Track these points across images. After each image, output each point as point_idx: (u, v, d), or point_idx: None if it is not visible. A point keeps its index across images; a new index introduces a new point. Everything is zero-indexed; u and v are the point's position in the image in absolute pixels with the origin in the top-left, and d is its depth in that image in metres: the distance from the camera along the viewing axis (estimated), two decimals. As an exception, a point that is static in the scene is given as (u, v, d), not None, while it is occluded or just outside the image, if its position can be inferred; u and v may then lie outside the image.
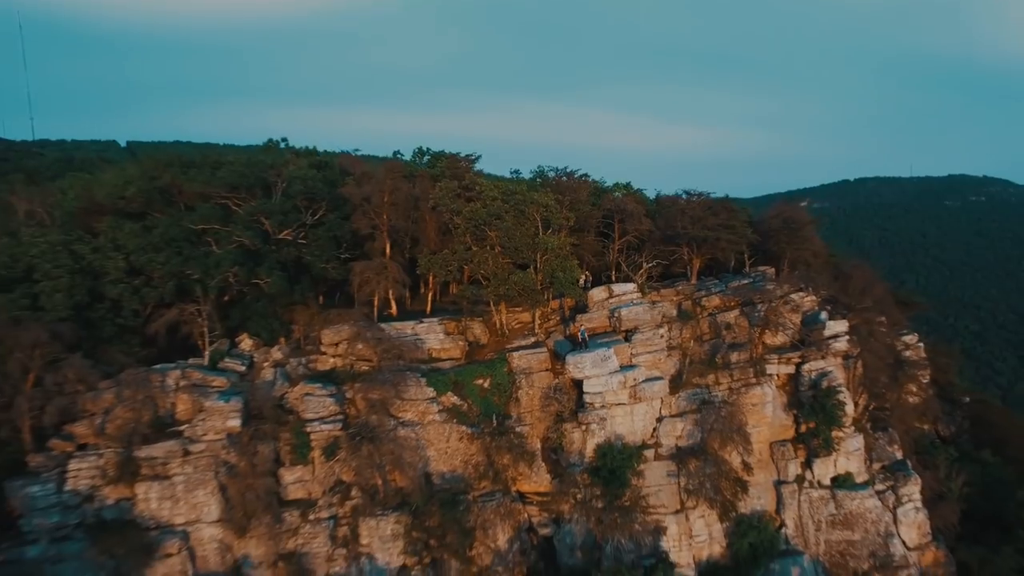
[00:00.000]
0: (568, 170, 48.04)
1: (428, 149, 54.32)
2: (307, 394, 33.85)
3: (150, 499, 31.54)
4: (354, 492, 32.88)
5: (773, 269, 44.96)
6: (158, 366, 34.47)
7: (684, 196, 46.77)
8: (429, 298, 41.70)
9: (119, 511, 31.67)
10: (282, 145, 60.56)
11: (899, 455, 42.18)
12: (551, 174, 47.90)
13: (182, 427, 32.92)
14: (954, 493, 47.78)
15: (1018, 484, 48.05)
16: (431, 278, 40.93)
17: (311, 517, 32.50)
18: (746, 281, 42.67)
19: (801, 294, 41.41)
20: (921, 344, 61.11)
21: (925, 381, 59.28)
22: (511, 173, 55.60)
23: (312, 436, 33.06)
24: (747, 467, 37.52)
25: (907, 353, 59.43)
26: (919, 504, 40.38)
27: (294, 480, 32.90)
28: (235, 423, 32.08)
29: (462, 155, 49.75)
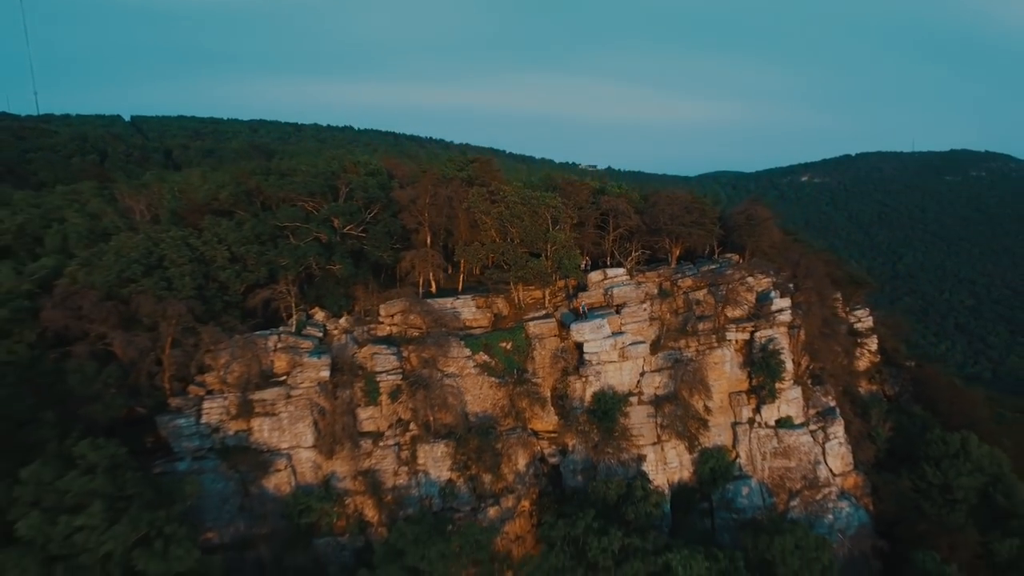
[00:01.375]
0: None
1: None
2: (375, 353, 44.74)
3: (263, 430, 42.55)
4: (412, 426, 43.99)
5: (737, 256, 55.71)
6: (259, 332, 45.24)
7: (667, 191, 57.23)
8: (460, 279, 52.35)
9: (240, 439, 42.68)
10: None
11: (832, 403, 53.33)
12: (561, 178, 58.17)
13: (282, 377, 43.83)
14: (880, 436, 59.27)
15: (930, 429, 59.35)
16: (463, 263, 51.55)
17: (381, 444, 43.64)
18: (714, 266, 53.40)
19: (756, 277, 52.16)
20: (871, 317, 72.41)
21: (874, 348, 70.75)
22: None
23: (380, 384, 44.02)
24: (709, 411, 48.69)
25: (858, 325, 70.75)
26: (843, 441, 51.67)
27: (367, 417, 43.94)
28: (325, 374, 43.00)
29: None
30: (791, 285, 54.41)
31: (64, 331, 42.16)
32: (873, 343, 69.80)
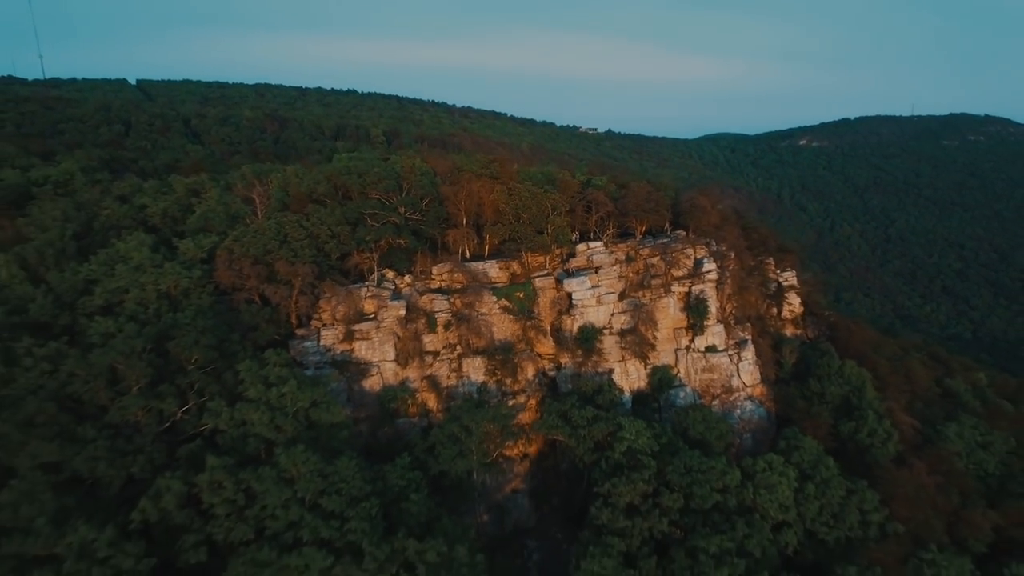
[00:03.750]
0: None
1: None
2: (432, 299, 66.82)
3: (361, 350, 64.81)
4: (458, 347, 66.37)
5: (684, 232, 77.45)
6: (354, 285, 67.17)
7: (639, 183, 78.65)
8: (487, 249, 74.10)
9: (345, 356, 64.89)
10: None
11: (746, 336, 75.69)
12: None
13: (371, 315, 65.96)
14: (787, 362, 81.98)
15: (825, 358, 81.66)
16: (488, 237, 73.21)
17: (438, 358, 66.02)
18: (666, 240, 75.24)
19: (694, 248, 74.01)
20: (795, 277, 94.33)
21: (797, 301, 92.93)
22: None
23: (437, 319, 66.22)
24: (657, 340, 71.10)
25: (784, 283, 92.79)
26: (752, 362, 74.20)
27: (429, 341, 66.19)
28: (401, 313, 65.15)
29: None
30: (720, 253, 76.36)
31: (229, 285, 64.25)
32: (795, 297, 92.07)
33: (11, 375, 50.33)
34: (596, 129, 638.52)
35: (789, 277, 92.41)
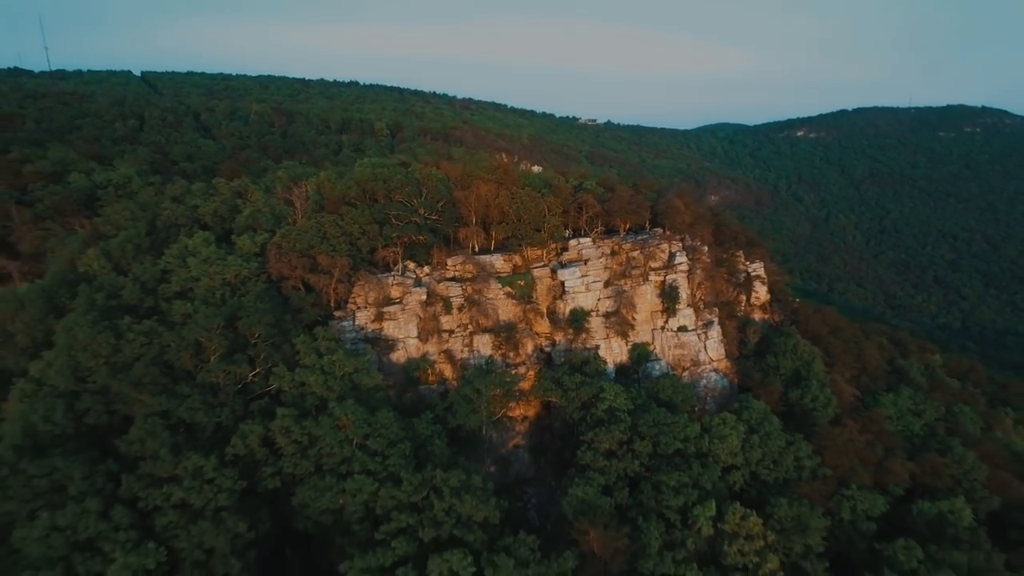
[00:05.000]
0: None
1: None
2: (448, 286, 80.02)
3: (389, 328, 77.97)
4: (469, 326, 79.62)
5: (661, 230, 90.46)
6: (383, 274, 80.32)
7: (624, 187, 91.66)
8: (493, 244, 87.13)
9: (376, 334, 78.05)
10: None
11: (713, 318, 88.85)
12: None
13: (397, 299, 79.15)
14: (750, 341, 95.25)
15: (786, 338, 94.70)
16: (494, 234, 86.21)
17: (453, 336, 79.28)
18: (645, 236, 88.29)
19: (669, 243, 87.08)
20: (762, 268, 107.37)
21: (764, 289, 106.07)
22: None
23: (452, 303, 79.41)
24: (636, 321, 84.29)
25: (753, 273, 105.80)
26: (718, 340, 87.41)
27: (445, 321, 79.37)
28: (423, 297, 78.36)
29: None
30: (692, 247, 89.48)
31: (279, 275, 77.37)
32: (761, 286, 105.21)
33: (119, 346, 63.67)
34: (595, 120, 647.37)
35: (757, 268, 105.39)
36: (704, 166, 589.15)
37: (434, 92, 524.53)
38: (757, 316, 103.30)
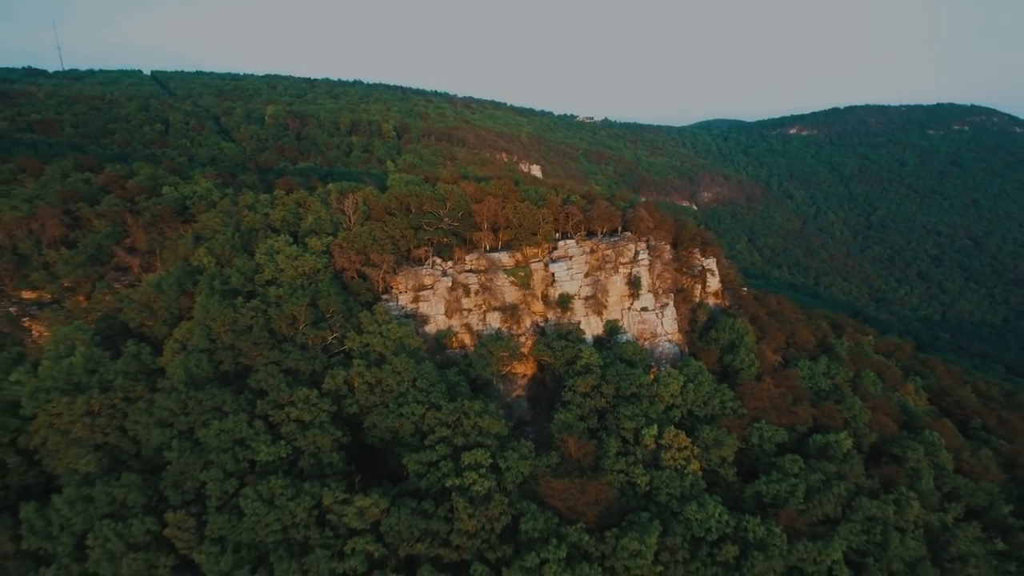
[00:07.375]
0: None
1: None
2: (468, 276, 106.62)
3: (424, 308, 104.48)
4: (483, 306, 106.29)
5: (631, 234, 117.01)
6: (417, 267, 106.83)
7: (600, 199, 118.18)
8: (500, 243, 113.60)
9: (414, 311, 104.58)
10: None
11: (669, 302, 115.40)
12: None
13: (430, 286, 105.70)
14: (699, 320, 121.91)
15: (728, 318, 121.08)
16: (501, 235, 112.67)
17: (472, 313, 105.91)
18: (617, 238, 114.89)
19: (636, 243, 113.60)
20: (715, 263, 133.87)
21: (716, 280, 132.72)
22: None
23: (470, 288, 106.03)
24: (607, 303, 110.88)
25: (707, 266, 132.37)
26: (672, 318, 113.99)
27: (465, 302, 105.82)
28: (448, 285, 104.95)
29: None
30: (655, 247, 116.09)
31: (341, 267, 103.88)
32: (712, 277, 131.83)
33: (236, 317, 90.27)
34: (593, 118, 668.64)
35: (710, 263, 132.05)
36: (698, 163, 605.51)
37: (435, 91, 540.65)
38: (711, 301, 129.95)
